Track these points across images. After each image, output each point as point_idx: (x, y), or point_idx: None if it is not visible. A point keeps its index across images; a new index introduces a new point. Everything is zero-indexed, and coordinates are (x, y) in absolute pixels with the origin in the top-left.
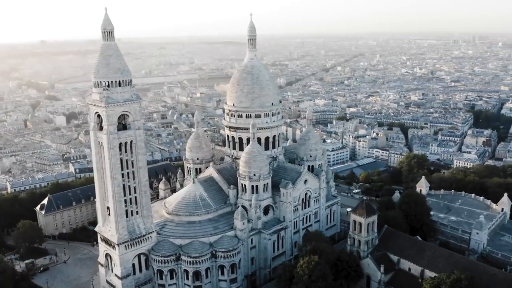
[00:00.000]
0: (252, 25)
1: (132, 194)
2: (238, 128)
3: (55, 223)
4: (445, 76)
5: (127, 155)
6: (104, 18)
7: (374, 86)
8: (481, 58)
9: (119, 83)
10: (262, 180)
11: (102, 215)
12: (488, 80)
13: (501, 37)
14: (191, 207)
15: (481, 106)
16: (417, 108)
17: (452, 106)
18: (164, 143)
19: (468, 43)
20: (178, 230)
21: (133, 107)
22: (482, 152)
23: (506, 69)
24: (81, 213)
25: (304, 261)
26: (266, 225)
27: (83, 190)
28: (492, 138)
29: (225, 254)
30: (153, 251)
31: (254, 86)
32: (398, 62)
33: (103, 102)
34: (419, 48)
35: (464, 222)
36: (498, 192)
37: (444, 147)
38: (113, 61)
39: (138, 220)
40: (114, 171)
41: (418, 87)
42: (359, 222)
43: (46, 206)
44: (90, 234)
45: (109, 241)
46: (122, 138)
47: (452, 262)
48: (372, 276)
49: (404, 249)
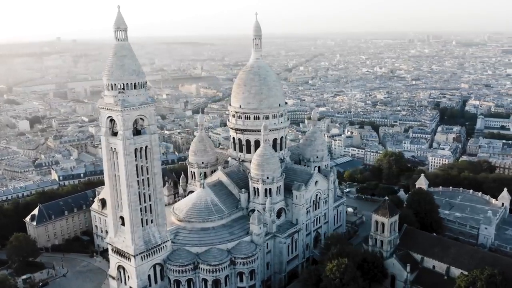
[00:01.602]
0: (257, 24)
1: (147, 202)
2: (245, 130)
3: (47, 234)
4: (405, 74)
5: (142, 161)
6: (117, 17)
7: (338, 86)
8: (437, 57)
9: (135, 85)
10: (276, 183)
11: (114, 225)
12: (447, 78)
13: (454, 35)
14: (204, 213)
15: (445, 104)
16: (384, 107)
17: (418, 104)
18: None
19: (423, 42)
20: (193, 237)
21: (148, 110)
22: (455, 148)
23: (462, 67)
24: (73, 222)
25: (333, 264)
26: (280, 228)
27: (75, 199)
28: (462, 135)
29: (244, 261)
30: (169, 260)
31: (262, 87)
32: (358, 61)
33: (118, 105)
34: (377, 47)
35: (470, 218)
36: (494, 187)
37: (416, 144)
38: (127, 62)
39: (153, 229)
40: (130, 179)
41: (381, 85)
42: (382, 223)
43: (37, 216)
44: (85, 245)
45: (123, 253)
46: (137, 143)
47: (478, 258)
48: (397, 276)
49: (427, 247)
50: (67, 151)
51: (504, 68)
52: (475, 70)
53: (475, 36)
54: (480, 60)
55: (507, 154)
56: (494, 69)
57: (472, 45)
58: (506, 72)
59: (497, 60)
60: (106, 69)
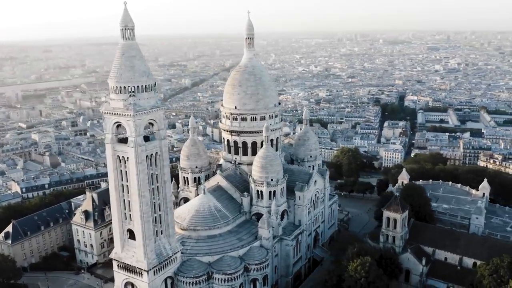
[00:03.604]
0: (250, 23)
1: (157, 212)
2: (242, 132)
3: (24, 252)
4: (340, 72)
5: (152, 169)
6: (124, 14)
7: (279, 85)
8: (367, 55)
9: (145, 88)
10: (280, 185)
11: (120, 239)
12: (380, 75)
13: (380, 34)
14: (209, 220)
15: (385, 100)
16: (328, 104)
17: (359, 101)
18: (86, 153)
19: (351, 41)
20: (202, 246)
21: (158, 114)
22: (404, 142)
23: (393, 65)
24: (50, 238)
25: (357, 263)
26: (285, 231)
27: (49, 212)
28: (407, 129)
29: (258, 267)
30: (181, 272)
31: (258, 87)
32: (293, 60)
33: (130, 110)
34: (308, 47)
35: (457, 209)
36: (469, 178)
37: (366, 139)
38: (137, 63)
39: (163, 241)
40: (143, 188)
41: (319, 84)
42: (394, 219)
43: (12, 234)
44: (66, 261)
45: (133, 268)
46: (148, 150)
47: (488, 247)
48: (412, 270)
49: (437, 240)
50: (11, 161)
51: (432, 64)
52: (405, 67)
53: (399, 34)
54: (408, 57)
55: (454, 146)
56: (423, 65)
57: (398, 43)
58: (434, 68)
59: (424, 57)
60: (113, 71)
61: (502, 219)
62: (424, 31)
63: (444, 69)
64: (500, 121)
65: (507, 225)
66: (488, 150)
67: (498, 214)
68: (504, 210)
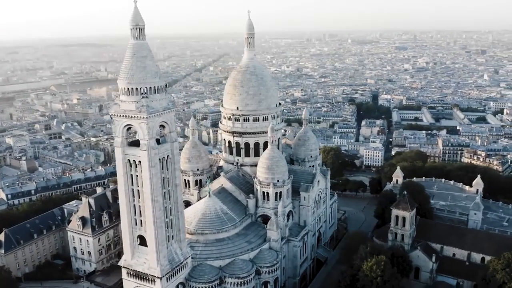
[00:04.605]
0: (250, 23)
1: (169, 217)
2: (244, 133)
3: (17, 262)
4: (312, 72)
5: (164, 172)
6: (134, 13)
7: None
8: (337, 55)
9: (156, 89)
10: (286, 186)
11: (130, 246)
12: (351, 74)
13: (348, 34)
14: (216, 224)
15: (360, 99)
16: (304, 104)
17: (334, 100)
18: (64, 156)
19: (320, 41)
20: (212, 250)
21: (170, 116)
22: (384, 140)
23: (363, 64)
24: (43, 246)
25: (372, 262)
26: (291, 232)
27: (42, 219)
28: (385, 128)
29: (270, 269)
30: (193, 278)
31: (260, 87)
32: (264, 61)
33: (143, 112)
34: (278, 47)
35: (454, 205)
36: (461, 175)
37: (345, 138)
38: (149, 64)
39: (174, 246)
40: (156, 193)
41: (293, 84)
42: (403, 217)
43: (5, 243)
44: (61, 270)
45: (145, 276)
46: (160, 153)
47: (495, 242)
48: (422, 267)
49: (444, 237)
50: None
51: (401, 64)
52: (375, 66)
53: (367, 34)
54: (377, 56)
55: (432, 143)
56: (392, 64)
57: (367, 43)
58: (404, 67)
59: (392, 56)
60: (124, 72)
61: (497, 214)
62: (391, 31)
63: (413, 68)
64: (473, 119)
65: (503, 220)
66: (467, 146)
67: (492, 209)
68: (497, 206)
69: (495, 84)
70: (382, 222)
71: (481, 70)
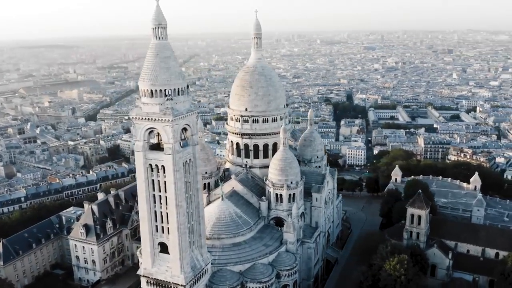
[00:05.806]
0: (257, 22)
1: (190, 222)
2: (253, 135)
3: (16, 273)
4: (284, 73)
5: (186, 177)
6: (156, 12)
7: (227, 86)
8: (307, 55)
9: (180, 91)
10: (299, 187)
11: (150, 253)
12: (323, 74)
13: (317, 35)
14: (232, 228)
15: (335, 99)
16: None
17: (310, 100)
18: (42, 161)
19: (289, 41)
20: (230, 255)
21: (192, 118)
22: (365, 140)
23: (334, 64)
24: (42, 256)
25: (394, 261)
26: (305, 233)
27: (40, 228)
28: (364, 127)
29: (289, 272)
30: (214, 284)
31: (269, 88)
32: (236, 61)
33: (169, 114)
34: (248, 47)
35: (455, 202)
36: (456, 172)
37: (326, 138)
38: (173, 64)
39: (195, 252)
40: (180, 198)
41: None
42: (418, 215)
43: (3, 254)
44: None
45: (166, 284)
46: (183, 157)
47: (508, 237)
48: (438, 264)
49: (458, 233)
50: None
51: (371, 63)
52: (345, 66)
53: (335, 35)
54: (347, 57)
55: (413, 142)
56: (362, 64)
57: (335, 43)
58: (374, 67)
59: (362, 56)
60: (147, 73)
61: (497, 210)
62: (358, 31)
63: (383, 67)
64: (448, 117)
65: (503, 216)
66: (447, 144)
67: (491, 205)
68: (495, 201)
69: (464, 82)
70: (387, 221)
71: (450, 69)
